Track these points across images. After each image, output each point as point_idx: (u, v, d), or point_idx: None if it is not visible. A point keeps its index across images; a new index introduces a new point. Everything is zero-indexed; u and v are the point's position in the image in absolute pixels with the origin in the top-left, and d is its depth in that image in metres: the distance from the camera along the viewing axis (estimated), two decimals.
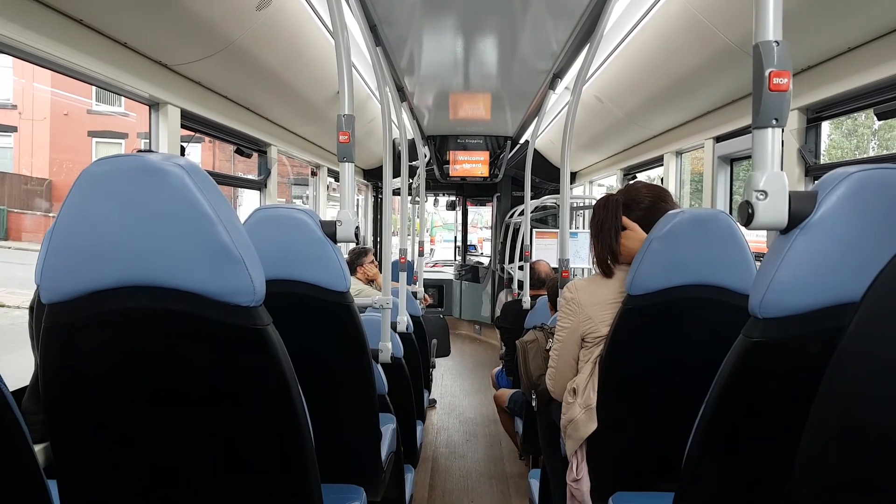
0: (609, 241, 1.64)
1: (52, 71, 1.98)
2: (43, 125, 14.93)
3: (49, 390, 0.97)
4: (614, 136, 4.41)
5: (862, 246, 0.84)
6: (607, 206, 1.68)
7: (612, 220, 1.65)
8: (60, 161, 14.96)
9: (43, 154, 15.04)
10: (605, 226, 1.66)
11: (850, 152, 10.12)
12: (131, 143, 15.18)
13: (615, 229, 1.64)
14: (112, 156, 0.93)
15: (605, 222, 1.66)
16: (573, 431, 1.63)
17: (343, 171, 1.71)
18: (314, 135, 4.37)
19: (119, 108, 14.89)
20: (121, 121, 15.20)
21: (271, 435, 1.03)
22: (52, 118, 15.04)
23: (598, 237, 1.68)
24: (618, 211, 1.65)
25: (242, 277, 0.93)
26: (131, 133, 15.20)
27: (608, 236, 1.65)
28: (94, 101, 14.82)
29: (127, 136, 15.29)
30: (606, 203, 1.69)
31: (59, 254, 0.92)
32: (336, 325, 1.59)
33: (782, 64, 0.91)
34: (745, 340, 0.91)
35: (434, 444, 4.27)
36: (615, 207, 1.66)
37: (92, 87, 2.17)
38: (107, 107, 15.01)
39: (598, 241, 1.68)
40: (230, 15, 2.26)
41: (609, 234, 1.65)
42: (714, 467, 1.03)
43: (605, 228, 1.66)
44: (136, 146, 15.55)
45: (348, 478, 1.68)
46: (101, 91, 2.22)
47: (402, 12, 2.38)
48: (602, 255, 1.66)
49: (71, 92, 14.35)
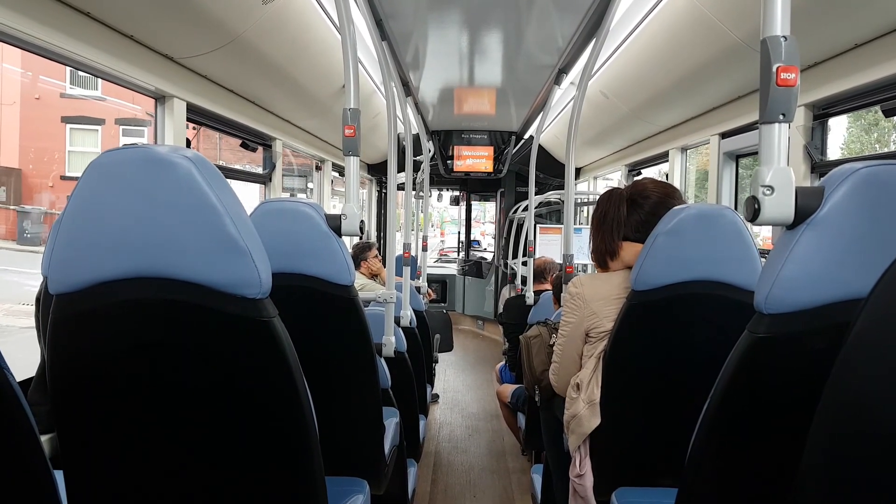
0: (610, 235, 1.64)
1: (59, 63, 1.99)
2: (12, 110, 13.90)
3: (56, 380, 0.98)
4: (619, 132, 4.40)
5: (869, 242, 0.84)
6: (611, 199, 1.66)
7: (614, 213, 1.64)
8: (31, 149, 13.98)
9: (12, 141, 13.96)
10: (607, 219, 1.65)
11: (871, 146, 9.77)
12: (108, 130, 14.16)
13: (616, 222, 1.63)
14: (120, 147, 0.94)
15: (608, 215, 1.65)
16: (576, 427, 1.63)
17: (348, 165, 1.71)
18: (318, 129, 4.37)
19: (96, 91, 13.91)
20: (97, 106, 14.16)
21: (276, 426, 1.04)
22: (23, 102, 13.95)
23: (598, 229, 1.67)
24: (621, 205, 1.64)
25: (249, 269, 0.94)
26: (109, 119, 14.25)
27: (609, 230, 1.64)
28: (67, 83, 13.85)
29: (104, 122, 14.32)
30: (610, 196, 1.67)
31: (67, 245, 0.93)
32: (340, 318, 1.60)
33: (790, 59, 0.90)
34: (751, 336, 0.91)
35: (436, 438, 4.28)
36: (618, 201, 1.65)
37: (66, 67, 2.12)
38: (81, 90, 14.04)
39: (598, 233, 1.67)
40: (236, 8, 2.26)
41: (611, 227, 1.63)
42: (718, 463, 1.03)
43: (607, 221, 1.65)
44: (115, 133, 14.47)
45: (352, 470, 1.69)
46: (76, 73, 2.19)
47: (408, 7, 2.38)
48: (601, 249, 1.66)
49: (43, 74, 13.35)
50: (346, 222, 1.58)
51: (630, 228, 1.63)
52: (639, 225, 1.62)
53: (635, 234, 1.61)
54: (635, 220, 1.63)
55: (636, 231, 1.62)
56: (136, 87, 2.33)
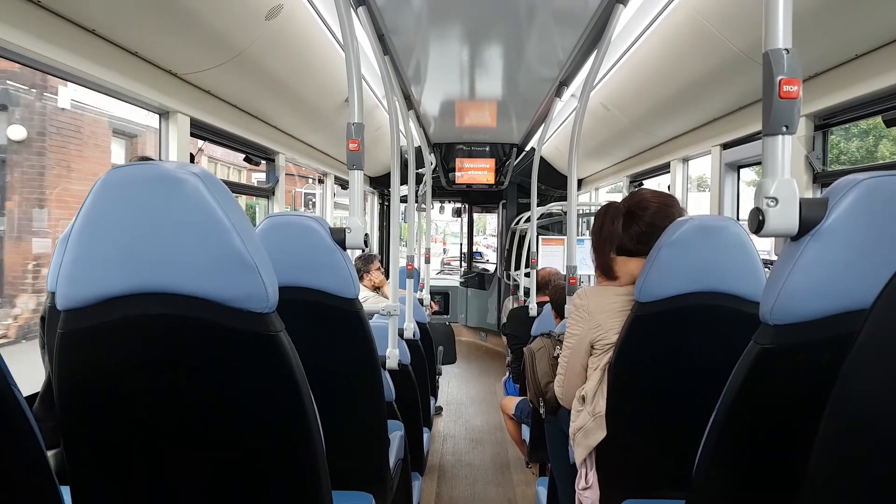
0: (604, 249, 1.64)
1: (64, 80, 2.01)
2: None
3: (63, 396, 0.98)
4: (620, 144, 4.42)
5: (873, 253, 0.84)
6: (607, 213, 1.66)
7: (609, 227, 1.63)
8: None
9: None
10: (602, 233, 1.65)
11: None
12: None
13: (610, 237, 1.62)
14: (127, 164, 0.95)
15: (603, 229, 1.65)
16: (582, 439, 1.62)
17: (352, 179, 1.72)
18: (321, 143, 4.39)
19: None
20: None
21: (283, 441, 1.04)
22: None
23: (595, 244, 1.67)
24: (616, 219, 1.63)
25: (256, 284, 0.94)
26: None
27: (603, 244, 1.64)
28: None
29: None
30: (607, 211, 1.67)
31: (74, 261, 0.93)
32: (345, 331, 1.60)
33: (792, 72, 0.91)
34: (756, 347, 0.91)
35: (440, 451, 4.26)
36: (614, 215, 1.64)
37: None
38: None
39: (595, 248, 1.67)
40: (240, 24, 2.28)
41: (605, 242, 1.63)
42: (725, 475, 1.02)
43: (602, 235, 1.65)
44: None
45: (357, 485, 1.68)
46: None
47: (409, 22, 2.40)
48: (598, 263, 1.67)
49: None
50: (351, 235, 1.58)
51: (631, 241, 1.62)
52: (639, 236, 1.61)
53: (637, 245, 1.61)
54: (636, 231, 1.62)
55: (637, 243, 1.61)
56: (141, 103, 2.35)
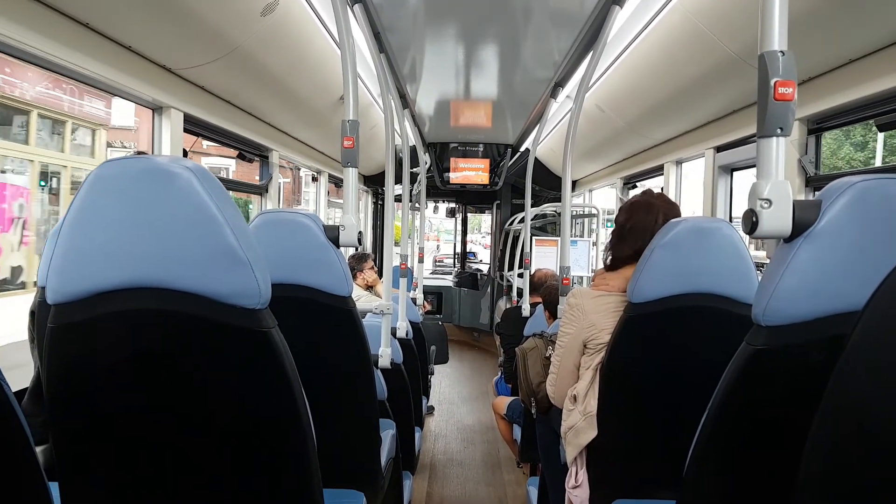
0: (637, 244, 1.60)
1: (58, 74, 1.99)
2: None
3: (52, 391, 0.97)
4: (615, 145, 4.43)
5: (865, 255, 0.85)
6: (650, 210, 1.64)
7: (651, 225, 1.60)
8: None
9: None
10: (639, 226, 1.63)
11: None
12: None
13: (650, 235, 1.54)
14: (120, 158, 0.94)
15: (641, 224, 1.63)
16: (573, 438, 1.63)
17: (346, 177, 1.71)
18: (315, 140, 4.38)
19: None
20: None
21: (274, 438, 1.03)
22: None
23: (627, 235, 1.65)
24: (658, 220, 1.60)
25: (249, 280, 0.93)
26: None
27: (639, 239, 1.60)
28: None
29: None
30: (650, 208, 1.65)
31: (65, 255, 0.92)
32: (338, 329, 1.59)
33: (787, 74, 0.91)
34: (748, 348, 0.91)
35: (432, 450, 4.26)
36: (657, 216, 1.62)
37: None
38: None
39: (623, 238, 1.65)
40: (235, 20, 2.27)
41: (643, 237, 1.59)
42: (716, 475, 1.03)
43: (639, 229, 1.63)
44: None
45: (348, 482, 1.68)
46: None
47: (406, 20, 2.39)
48: (620, 253, 1.66)
49: None
50: (345, 233, 1.58)
51: None
52: None
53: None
54: None
55: None
56: (134, 97, 2.33)
